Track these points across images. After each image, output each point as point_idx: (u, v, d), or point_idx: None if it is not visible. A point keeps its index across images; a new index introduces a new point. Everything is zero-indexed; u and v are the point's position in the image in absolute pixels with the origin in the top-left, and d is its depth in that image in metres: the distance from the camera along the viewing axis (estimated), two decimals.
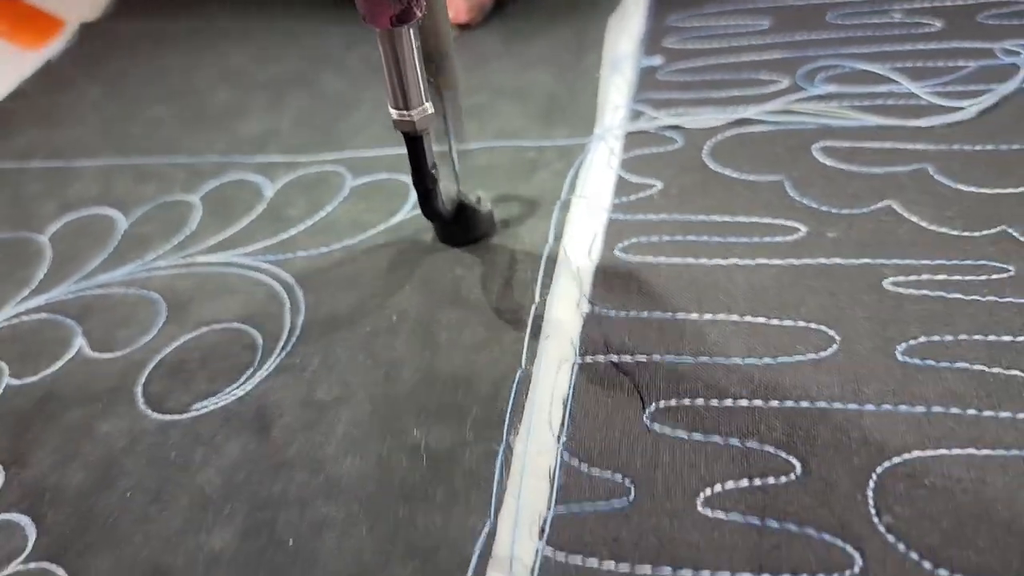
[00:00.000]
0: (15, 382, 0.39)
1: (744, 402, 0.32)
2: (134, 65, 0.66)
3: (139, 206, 0.49)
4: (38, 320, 0.43)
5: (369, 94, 0.56)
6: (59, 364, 0.39)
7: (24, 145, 0.57)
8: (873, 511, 0.27)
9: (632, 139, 0.47)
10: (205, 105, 0.58)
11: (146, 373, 0.38)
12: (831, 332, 0.34)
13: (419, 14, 0.30)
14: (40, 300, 0.44)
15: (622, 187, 0.43)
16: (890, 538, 0.27)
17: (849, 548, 0.27)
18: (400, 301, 0.39)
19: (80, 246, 0.47)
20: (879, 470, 0.29)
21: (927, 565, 0.26)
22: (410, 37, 0.30)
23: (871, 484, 0.28)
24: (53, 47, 0.70)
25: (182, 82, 0.62)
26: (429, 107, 0.33)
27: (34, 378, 0.39)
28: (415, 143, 0.34)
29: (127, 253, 0.46)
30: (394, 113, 0.33)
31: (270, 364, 0.37)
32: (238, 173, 0.51)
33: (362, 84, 0.58)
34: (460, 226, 0.40)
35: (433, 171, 0.35)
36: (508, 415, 0.32)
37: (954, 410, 0.30)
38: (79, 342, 0.41)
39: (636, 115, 0.49)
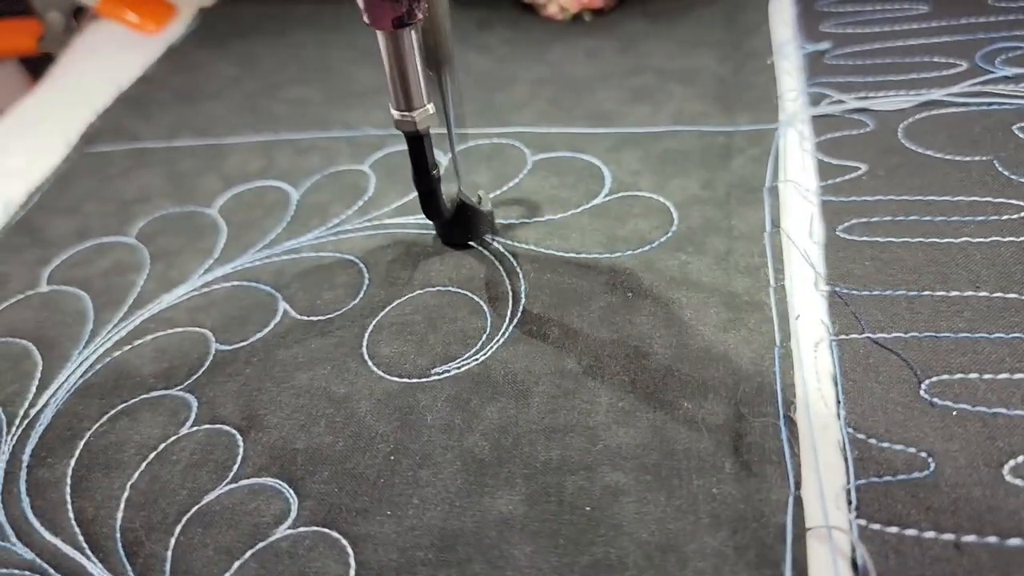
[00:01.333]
0: (224, 347, 0.38)
1: (1021, 375, 0.31)
2: (264, 45, 0.65)
3: (307, 177, 0.49)
4: (231, 287, 0.42)
5: (522, 74, 0.56)
6: (268, 328, 0.39)
7: (168, 124, 0.56)
8: None
9: (820, 123, 0.46)
10: (348, 83, 0.58)
11: (367, 334, 0.37)
12: None
13: (420, 16, 0.30)
14: (227, 269, 0.43)
15: (825, 170, 0.43)
16: None
17: None
18: (628, 280, 0.38)
19: (254, 216, 0.46)
20: None
21: None
22: (411, 39, 0.31)
23: None
24: (172, 33, 0.69)
25: (318, 61, 0.61)
26: (431, 108, 0.33)
27: (244, 343, 0.38)
28: (416, 143, 0.34)
29: (307, 219, 0.45)
30: (395, 114, 0.33)
31: (504, 330, 0.36)
32: (400, 144, 0.50)
33: (509, 63, 0.57)
34: (460, 226, 0.40)
35: (434, 172, 0.35)
36: (779, 390, 0.32)
37: None
38: (282, 306, 0.40)
39: (818, 99, 0.48)
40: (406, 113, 0.33)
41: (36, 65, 0.72)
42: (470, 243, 0.41)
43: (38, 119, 0.60)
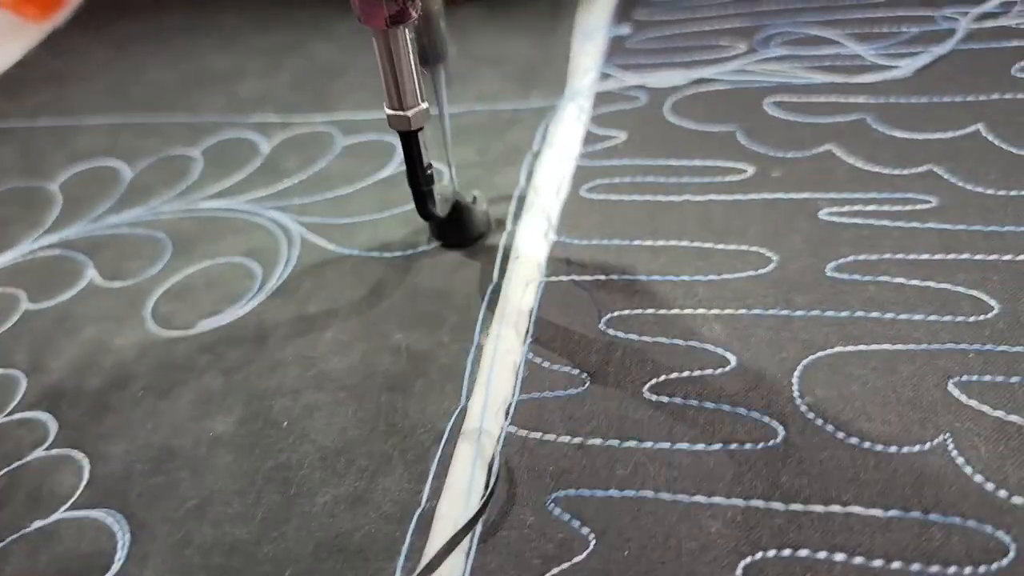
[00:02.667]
0: (33, 306, 0.43)
1: (689, 310, 0.36)
2: (137, 32, 0.70)
3: (143, 159, 0.53)
4: (52, 255, 0.46)
5: (358, 60, 0.60)
6: (73, 291, 0.43)
7: (33, 105, 0.61)
8: (797, 394, 0.31)
9: (600, 98, 0.51)
10: (205, 68, 0.62)
11: (154, 298, 0.42)
12: (769, 254, 0.38)
13: (414, 14, 0.30)
14: (53, 238, 0.48)
15: (589, 139, 0.47)
16: (810, 415, 0.31)
17: (774, 422, 0.31)
18: (387, 235, 0.42)
19: (88, 193, 0.51)
20: (804, 362, 0.33)
21: (840, 434, 0.30)
22: (405, 37, 0.31)
23: (796, 373, 0.32)
24: (58, 18, 0.74)
25: (183, 46, 0.66)
26: (424, 105, 0.33)
27: (51, 303, 0.43)
28: (410, 141, 0.34)
29: (133, 199, 0.50)
30: (389, 111, 0.33)
31: (269, 288, 0.41)
32: (235, 132, 0.55)
33: (351, 51, 0.62)
34: (455, 226, 0.41)
35: (428, 171, 0.36)
36: (480, 321, 0.36)
37: (874, 314, 0.34)
38: (91, 273, 0.44)
39: (604, 77, 0.53)
40: (399, 111, 0.33)
41: None
42: (465, 244, 0.41)
43: None
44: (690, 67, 0.52)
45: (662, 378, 0.33)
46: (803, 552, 0.27)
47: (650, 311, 0.36)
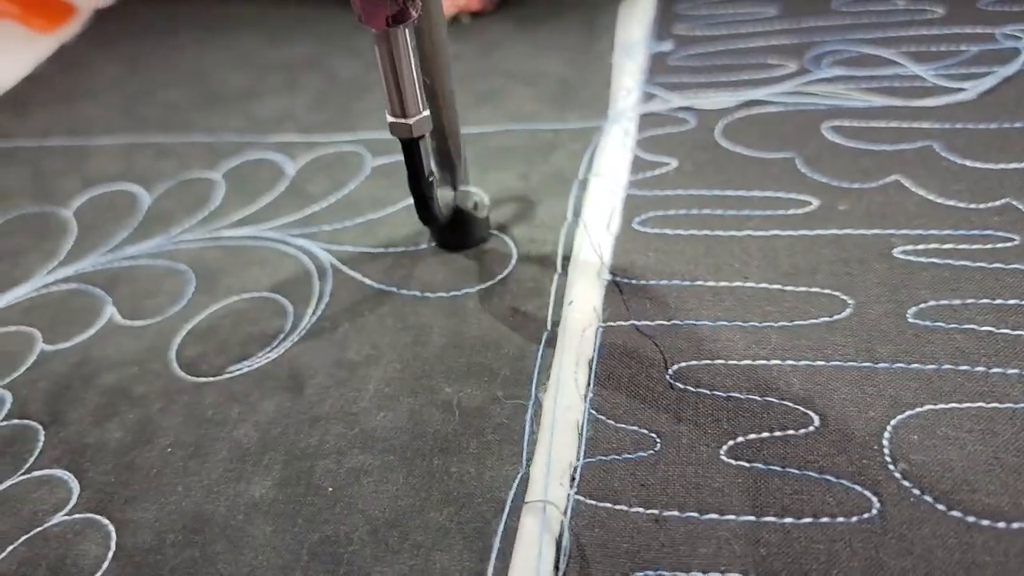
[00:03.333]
0: (49, 348, 0.40)
1: (762, 361, 0.33)
2: (148, 48, 0.67)
3: (161, 182, 0.50)
4: (68, 290, 0.44)
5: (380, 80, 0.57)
6: (91, 331, 0.40)
7: (43, 124, 0.58)
8: (888, 459, 0.29)
9: (646, 120, 0.48)
10: (219, 87, 0.60)
11: (179, 339, 0.39)
12: (844, 297, 0.35)
13: (415, 14, 0.29)
14: (68, 271, 0.45)
15: (638, 165, 0.45)
16: (906, 483, 0.28)
17: (867, 492, 0.28)
18: (427, 272, 0.40)
19: (105, 220, 0.48)
20: (893, 422, 0.30)
21: (941, 507, 0.27)
22: (406, 39, 0.30)
23: (886, 435, 0.30)
24: (67, 31, 0.71)
25: (195, 65, 0.63)
26: (426, 112, 0.32)
27: (67, 344, 0.40)
28: (412, 148, 0.33)
29: (152, 227, 0.47)
30: (391, 118, 0.32)
31: (302, 329, 0.38)
32: (257, 152, 0.52)
33: (374, 67, 0.59)
34: (457, 231, 0.40)
35: (430, 177, 0.35)
36: (535, 373, 0.34)
37: (963, 367, 0.32)
38: (110, 311, 0.42)
39: (649, 97, 0.50)
40: (401, 119, 0.32)
41: None
42: (466, 248, 0.41)
43: None
44: (739, 87, 0.49)
45: (740, 439, 0.30)
46: None
47: (719, 362, 0.33)
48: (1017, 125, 0.43)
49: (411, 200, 0.35)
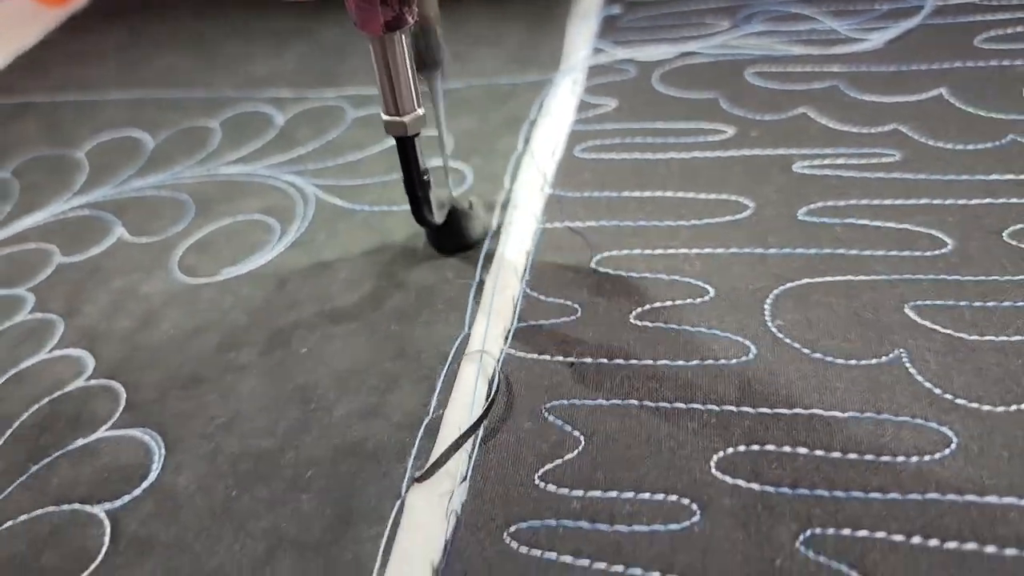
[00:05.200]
0: (66, 260, 0.46)
1: (672, 250, 0.39)
2: (150, 19, 0.74)
3: (164, 129, 0.57)
4: (82, 216, 0.50)
5: (364, 43, 0.63)
6: (103, 247, 0.47)
7: (55, 82, 0.65)
8: (768, 318, 0.35)
9: (593, 71, 0.54)
10: (215, 52, 0.66)
11: (180, 251, 0.45)
12: (746, 201, 0.41)
13: (411, 20, 0.30)
14: (82, 200, 0.51)
15: (583, 107, 0.51)
16: (780, 335, 0.34)
17: (747, 341, 0.34)
18: (395, 194, 0.46)
19: (113, 160, 0.54)
20: (776, 291, 0.36)
21: (806, 351, 0.33)
22: (402, 43, 0.31)
23: (768, 301, 0.36)
24: (76, 4, 0.78)
25: (193, 33, 0.70)
26: (421, 111, 0.33)
27: (82, 257, 0.46)
28: (406, 146, 0.34)
29: (156, 166, 0.53)
30: (385, 117, 0.33)
31: (286, 241, 0.44)
32: (250, 106, 0.58)
33: (356, 34, 0.65)
34: (451, 232, 0.40)
35: (424, 177, 0.36)
36: (481, 260, 0.40)
37: (840, 251, 0.38)
38: (119, 231, 0.48)
39: (597, 52, 0.56)
40: (395, 117, 0.33)
41: None
42: (461, 250, 0.41)
43: None
44: (677, 42, 0.56)
45: (647, 307, 0.36)
46: (769, 447, 0.30)
47: (636, 251, 0.39)
48: (913, 67, 0.49)
49: (387, 144, 0.37)
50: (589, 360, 0.34)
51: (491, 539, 0.28)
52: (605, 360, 0.34)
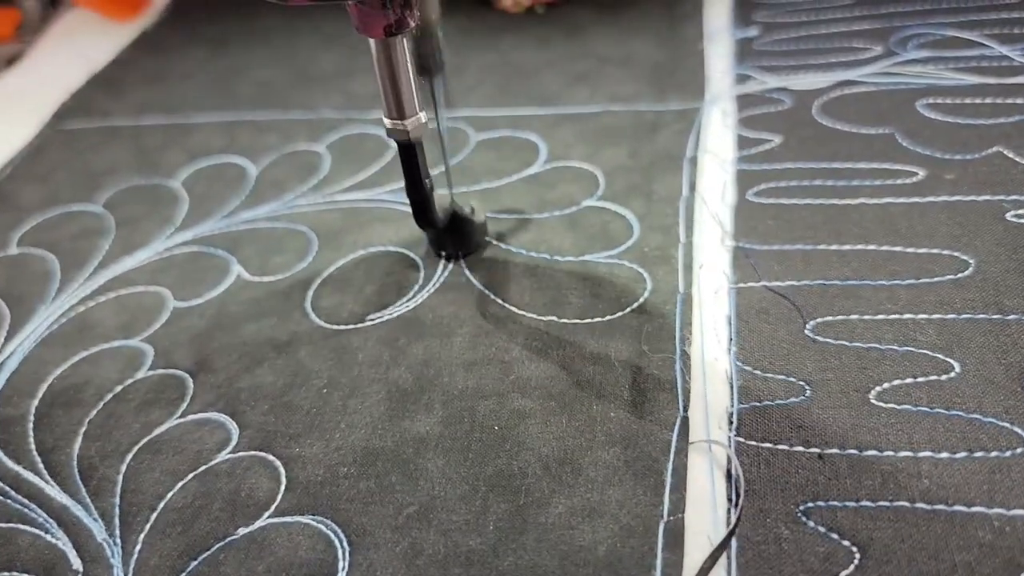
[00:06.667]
0: (181, 304, 0.41)
1: (896, 316, 0.35)
2: (233, 31, 0.68)
3: (266, 155, 0.52)
4: (190, 252, 0.45)
5: (474, 59, 0.59)
6: (222, 288, 0.42)
7: (137, 103, 0.60)
8: None
9: (742, 101, 0.50)
10: (311, 67, 0.61)
11: (312, 291, 0.40)
12: (964, 257, 0.37)
13: (412, 24, 0.30)
14: (187, 236, 0.46)
15: (743, 143, 0.46)
16: None
17: (1016, 429, 0.30)
18: (553, 237, 0.41)
19: (215, 189, 0.49)
20: None
21: None
22: (403, 47, 0.31)
23: None
24: (146, 19, 0.72)
25: (283, 45, 0.65)
26: (423, 116, 0.33)
27: (199, 300, 0.41)
28: (409, 152, 0.34)
29: (265, 194, 0.48)
30: (387, 122, 0.33)
31: (436, 280, 0.39)
32: (357, 127, 0.53)
33: (465, 52, 0.60)
34: (453, 236, 0.40)
35: (427, 181, 0.35)
36: (678, 330, 0.35)
37: None
38: (236, 269, 0.43)
39: (743, 79, 0.52)
40: (398, 122, 0.33)
41: (13, 52, 0.74)
42: (462, 254, 0.41)
43: (12, 99, 0.63)
44: (829, 69, 0.51)
45: (886, 385, 0.32)
46: None
47: (855, 316, 0.35)
48: None
49: (526, 172, 0.35)
50: (837, 451, 0.30)
51: None
52: (855, 451, 0.30)
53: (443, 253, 0.41)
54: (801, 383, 0.32)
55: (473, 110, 0.53)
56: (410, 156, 0.34)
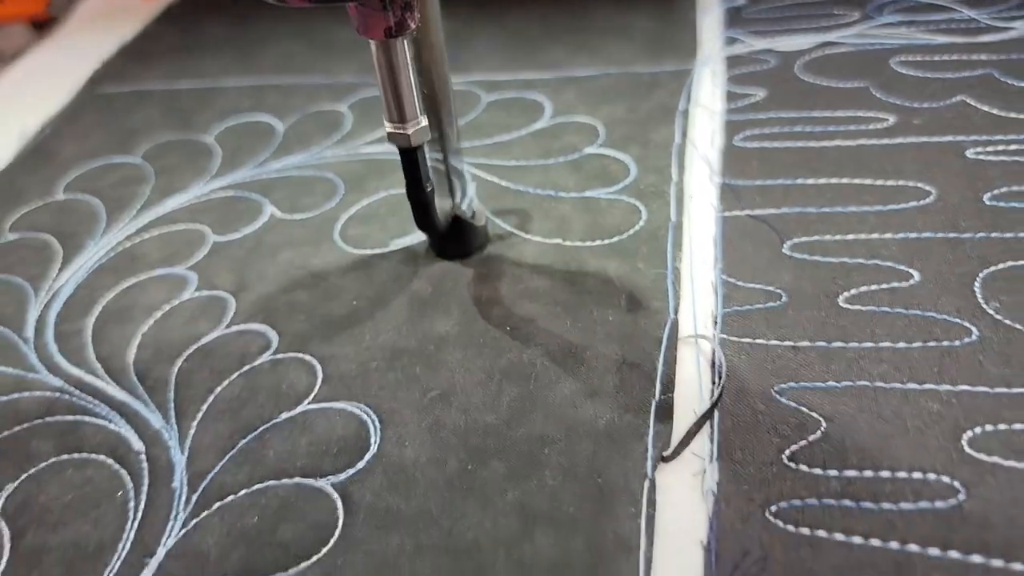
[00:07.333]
0: (221, 238, 0.46)
1: (864, 235, 0.39)
2: (255, 8, 0.72)
3: (292, 114, 0.56)
4: (226, 196, 0.49)
5: (486, 30, 0.63)
6: (257, 224, 0.46)
7: (168, 71, 0.64)
8: (982, 300, 0.35)
9: (731, 62, 0.54)
10: (329, 39, 0.65)
11: (340, 223, 0.45)
12: (927, 187, 0.41)
13: (413, 26, 0.30)
14: (223, 182, 0.50)
15: (731, 97, 0.51)
16: (999, 316, 0.34)
17: (966, 323, 0.34)
18: (558, 178, 0.46)
19: (246, 143, 0.54)
20: (981, 274, 0.36)
21: None
22: (404, 49, 0.31)
23: (976, 283, 0.35)
24: None
25: (304, 21, 0.69)
26: (424, 120, 0.33)
27: (238, 235, 0.46)
28: (410, 156, 0.34)
29: (293, 147, 0.53)
30: (388, 126, 0.33)
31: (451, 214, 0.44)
32: (376, 91, 0.57)
33: (475, 24, 0.65)
34: (454, 239, 0.41)
35: (428, 185, 0.36)
36: (670, 251, 0.39)
37: None
38: (270, 209, 0.47)
39: (732, 42, 0.56)
40: (399, 125, 0.33)
41: (44, 27, 0.78)
42: (464, 257, 0.41)
43: (46, 68, 0.67)
44: (811, 32, 0.55)
45: (854, 291, 0.36)
46: (1018, 426, 0.30)
47: (828, 237, 0.39)
48: None
49: (533, 127, 0.37)
50: (808, 343, 0.34)
51: (755, 518, 0.28)
52: (824, 343, 0.34)
53: (444, 256, 0.41)
54: (778, 291, 0.37)
55: (483, 74, 0.58)
56: (411, 160, 0.34)
